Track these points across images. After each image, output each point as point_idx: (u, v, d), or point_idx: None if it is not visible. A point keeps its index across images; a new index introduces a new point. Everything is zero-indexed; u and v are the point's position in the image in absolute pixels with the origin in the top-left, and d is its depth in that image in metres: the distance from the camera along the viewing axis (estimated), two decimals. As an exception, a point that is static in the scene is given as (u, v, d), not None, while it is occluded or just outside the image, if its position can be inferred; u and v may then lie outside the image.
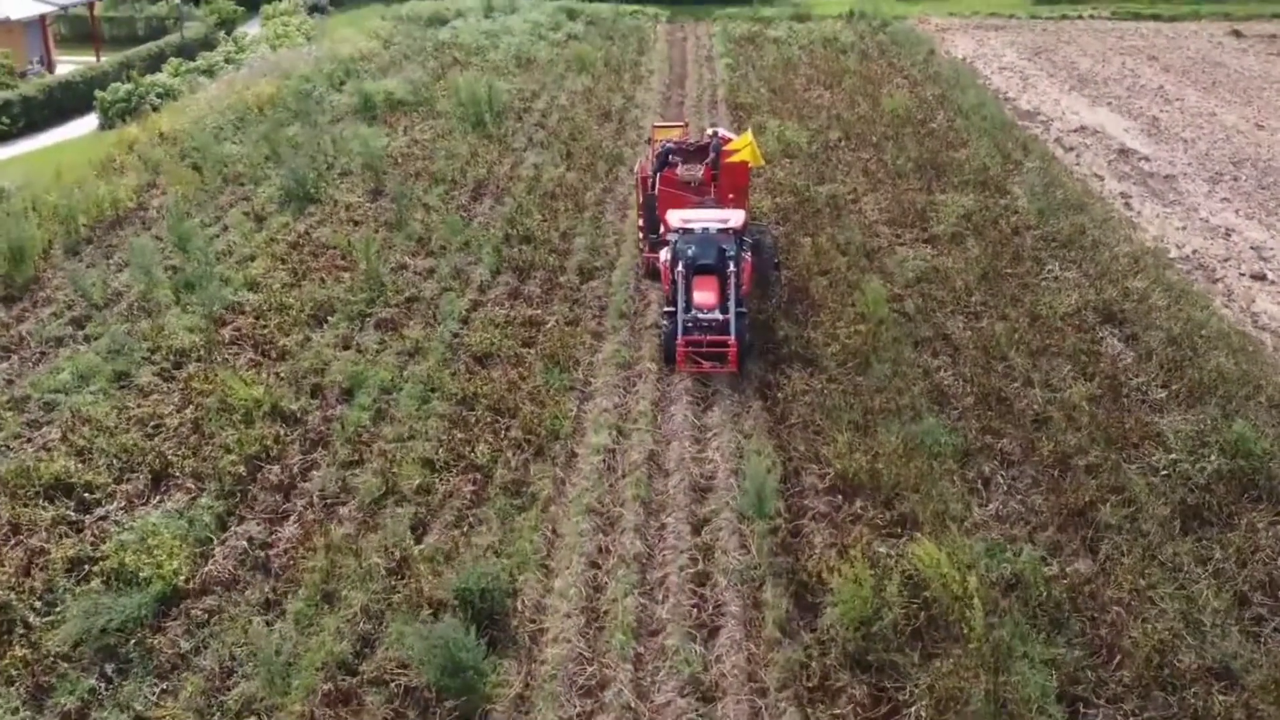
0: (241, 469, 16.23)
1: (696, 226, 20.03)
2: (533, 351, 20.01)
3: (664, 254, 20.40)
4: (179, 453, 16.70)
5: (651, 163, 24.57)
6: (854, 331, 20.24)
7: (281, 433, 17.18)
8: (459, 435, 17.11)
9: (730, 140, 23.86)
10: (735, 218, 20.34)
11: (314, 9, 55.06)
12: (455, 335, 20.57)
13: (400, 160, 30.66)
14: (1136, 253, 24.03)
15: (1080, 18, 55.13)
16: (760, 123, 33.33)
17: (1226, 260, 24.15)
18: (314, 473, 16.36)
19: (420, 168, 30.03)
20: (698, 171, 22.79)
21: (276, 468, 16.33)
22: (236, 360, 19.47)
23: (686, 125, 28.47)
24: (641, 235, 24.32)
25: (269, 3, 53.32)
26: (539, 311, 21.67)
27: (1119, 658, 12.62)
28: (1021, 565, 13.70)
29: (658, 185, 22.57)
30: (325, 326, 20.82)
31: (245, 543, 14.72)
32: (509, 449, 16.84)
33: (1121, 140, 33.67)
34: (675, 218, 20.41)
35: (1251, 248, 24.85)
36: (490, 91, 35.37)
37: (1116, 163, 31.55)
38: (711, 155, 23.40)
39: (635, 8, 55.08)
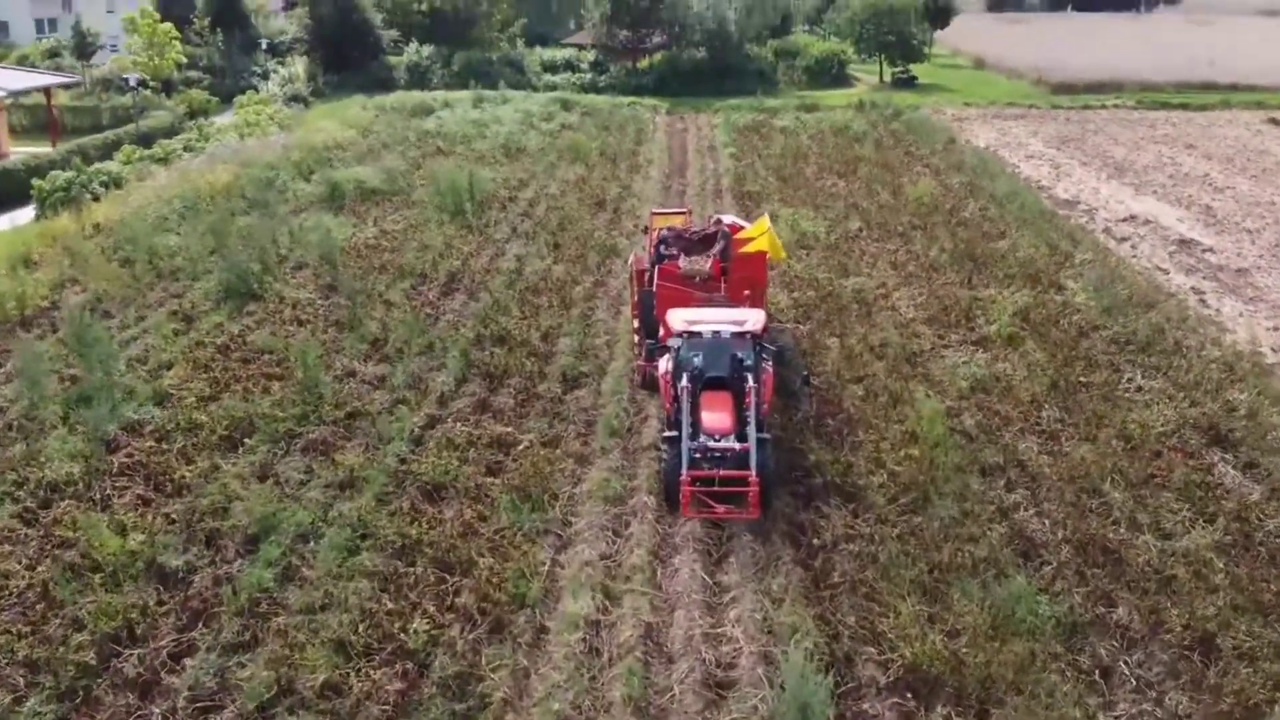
0: (91, 656, 11.89)
1: (705, 330, 15.95)
2: (498, 482, 15.80)
3: (664, 363, 16.33)
4: (14, 630, 12.37)
5: (649, 254, 20.75)
6: (905, 456, 16.07)
7: (154, 601, 12.86)
8: (388, 605, 12.76)
9: (742, 228, 20.06)
10: (753, 319, 16.29)
11: (293, 99, 52.16)
12: (402, 461, 16.38)
13: (364, 253, 26.87)
14: (1228, 358, 20.01)
15: (1104, 107, 52.22)
16: (771, 211, 29.59)
17: (1339, 366, 20.11)
18: (187, 660, 11.98)
19: (386, 260, 26.22)
20: (704, 264, 18.84)
21: (136, 654, 11.95)
22: (120, 497, 15.24)
23: (689, 212, 24.73)
24: (637, 339, 20.32)
25: (243, 93, 50.41)
26: (510, 429, 17.52)
27: None
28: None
29: (656, 280, 18.64)
30: (240, 450, 16.62)
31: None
32: (455, 624, 12.51)
33: (1178, 230, 29.98)
34: (678, 319, 16.38)
35: (1366, 351, 20.83)
36: (472, 179, 31.82)
37: (1178, 254, 27.77)
38: (720, 245, 19.57)
39: (633, 99, 52.31)
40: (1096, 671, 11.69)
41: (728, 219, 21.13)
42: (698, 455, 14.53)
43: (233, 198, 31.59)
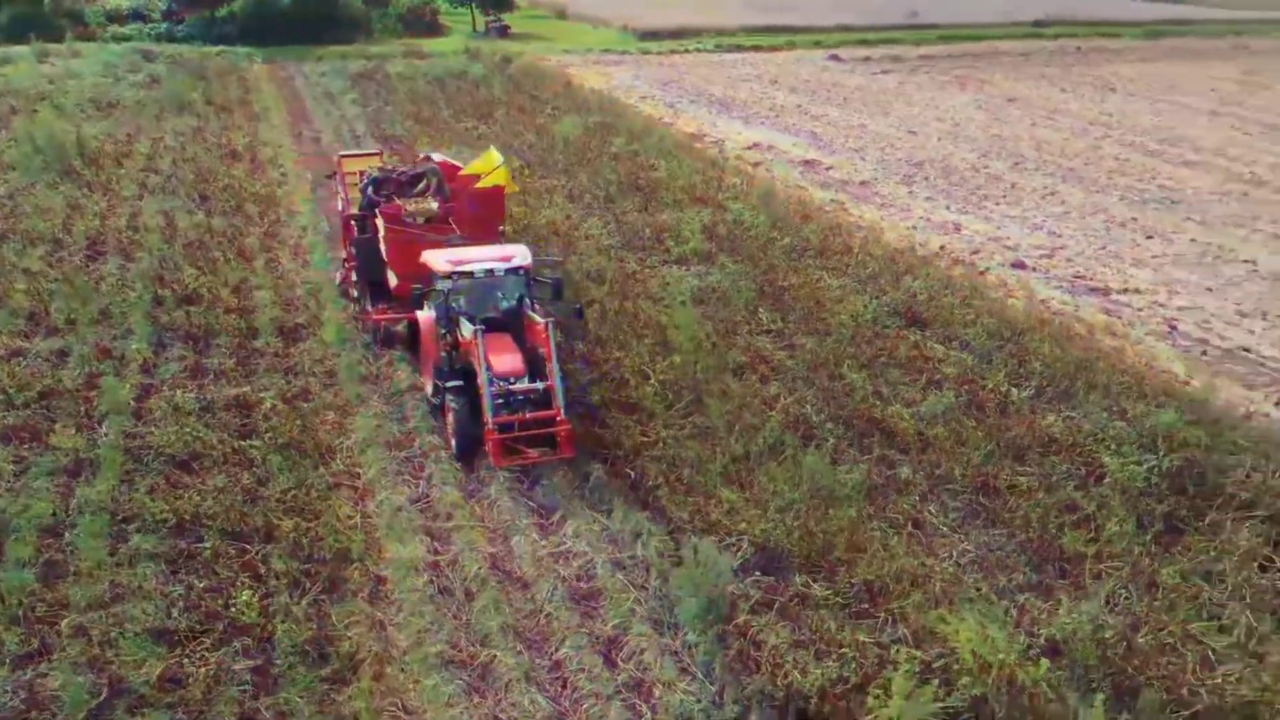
0: None
1: (476, 269, 15.00)
2: (259, 443, 14.26)
3: (427, 309, 15.41)
4: None
5: (354, 199, 19.48)
6: (669, 365, 16.51)
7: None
8: (199, 583, 11.20)
9: (457, 167, 19.41)
10: (521, 254, 15.51)
11: None
12: (130, 435, 14.28)
13: (-35, 221, 22.77)
14: (891, 253, 22.47)
15: (688, 51, 55.68)
16: (427, 154, 28.78)
17: (976, 253, 23.26)
18: (-37, 688, 9.81)
19: (3, 228, 22.40)
20: (433, 204, 17.98)
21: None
22: None
23: (380, 153, 23.40)
24: (355, 290, 19.02)
25: None
26: (245, 389, 15.82)
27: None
28: (1063, 628, 10.53)
29: (383, 226, 17.49)
30: (-85, 449, 13.65)
31: None
32: (282, 591, 11.24)
33: (797, 154, 32.90)
34: (440, 260, 15.24)
35: (991, 239, 24.24)
36: (80, 134, 27.92)
37: (807, 174, 30.54)
38: (432, 181, 18.79)
39: (222, 48, 48.19)
40: (909, 524, 12.85)
41: (437, 156, 20.35)
42: (500, 402, 13.74)
43: None
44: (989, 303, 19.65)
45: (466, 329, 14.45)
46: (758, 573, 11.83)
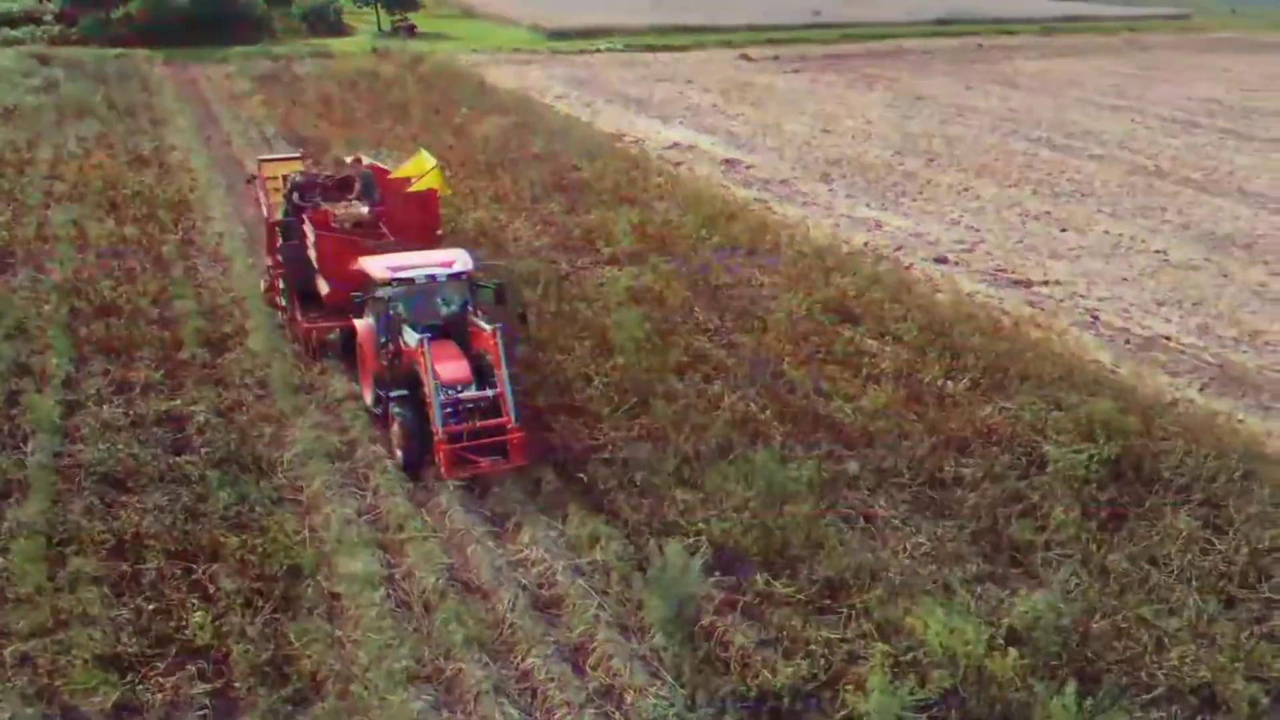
0: None
1: (417, 275, 14.62)
2: (194, 459, 13.80)
3: (366, 318, 15.02)
4: None
5: (277, 205, 18.94)
6: (612, 367, 16.45)
7: None
8: (147, 605, 10.78)
9: (387, 171, 19.01)
10: (461, 259, 15.19)
11: None
12: (59, 453, 13.70)
13: None
14: (818, 252, 22.73)
15: (598, 50, 55.65)
16: (341, 156, 28.21)
17: (899, 249, 23.70)
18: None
19: (-103, 239, 21.34)
20: (363, 208, 17.56)
21: None
22: None
23: (302, 157, 22.80)
24: (281, 299, 18.48)
25: None
26: (175, 403, 15.30)
27: None
28: (1023, 617, 10.73)
29: (312, 232, 17.02)
30: None
31: None
32: (234, 611, 10.88)
33: (717, 153, 33.13)
34: (378, 267, 14.83)
35: (912, 235, 24.71)
36: (-26, 141, 26.76)
37: (729, 173, 30.77)
38: (359, 187, 18.37)
39: (120, 50, 46.59)
40: (861, 518, 13.00)
41: (367, 160, 19.93)
42: (449, 411, 13.40)
43: None
44: (917, 298, 20.01)
45: (410, 337, 14.13)
46: (717, 573, 11.85)
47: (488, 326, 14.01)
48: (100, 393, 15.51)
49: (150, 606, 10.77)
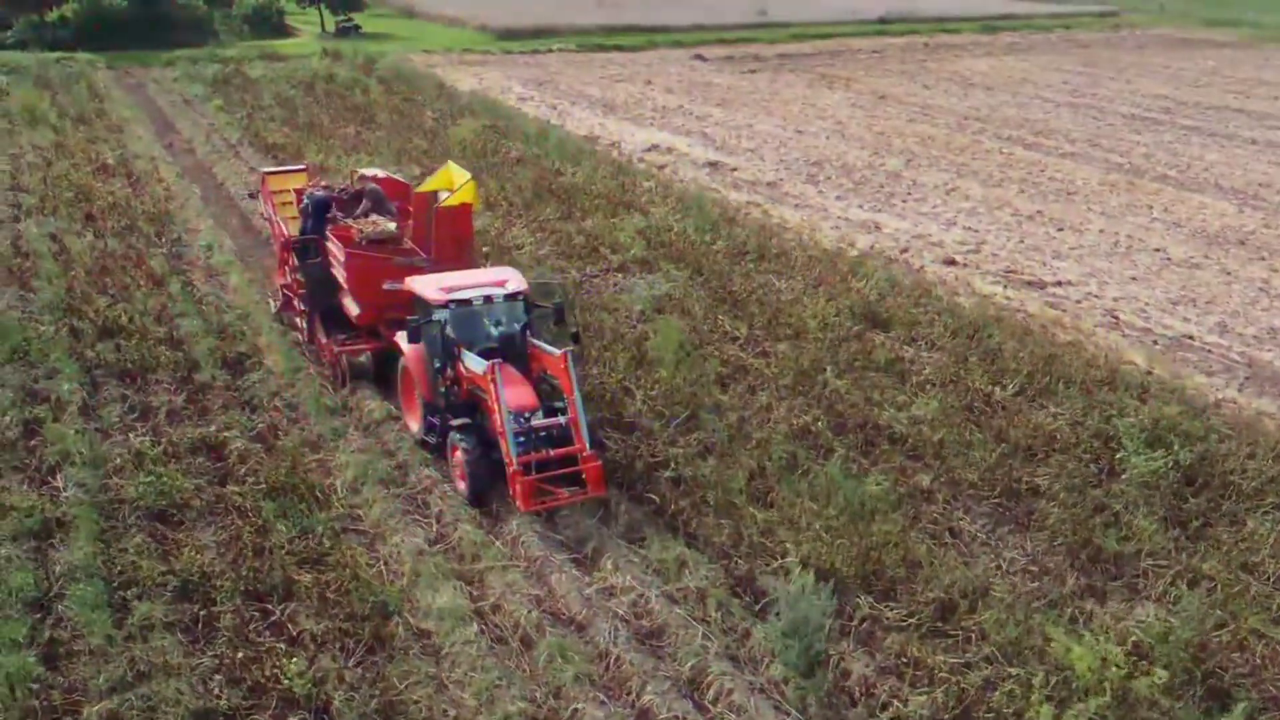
0: None
1: (473, 296, 13.89)
2: (241, 489, 13.06)
3: (420, 340, 13.90)
4: None
5: (288, 221, 18.18)
6: (654, 381, 16.01)
7: None
8: (234, 652, 10.09)
9: (407, 185, 18.34)
10: (515, 279, 14.54)
11: None
12: (92, 487, 12.85)
13: None
14: (829, 256, 22.54)
15: (550, 50, 54.96)
16: (321, 164, 27.31)
17: (905, 251, 23.59)
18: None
19: None
20: (390, 225, 16.84)
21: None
22: None
23: (307, 167, 21.89)
24: (304, 322, 17.68)
25: None
26: (207, 429, 14.51)
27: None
28: (1148, 632, 10.56)
29: (339, 251, 16.25)
30: None
31: None
32: (323, 655, 10.25)
33: (697, 155, 32.77)
34: (429, 287, 14.09)
35: (914, 237, 24.62)
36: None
37: (715, 175, 30.42)
38: (366, 201, 17.65)
39: (61, 54, 44.76)
40: (946, 532, 12.76)
41: (370, 173, 19.18)
42: (522, 440, 12.72)
43: None
44: (938, 301, 19.89)
45: (473, 362, 13.44)
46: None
47: (555, 350, 13.40)
48: (123, 420, 14.68)
49: (238, 654, 10.08)
